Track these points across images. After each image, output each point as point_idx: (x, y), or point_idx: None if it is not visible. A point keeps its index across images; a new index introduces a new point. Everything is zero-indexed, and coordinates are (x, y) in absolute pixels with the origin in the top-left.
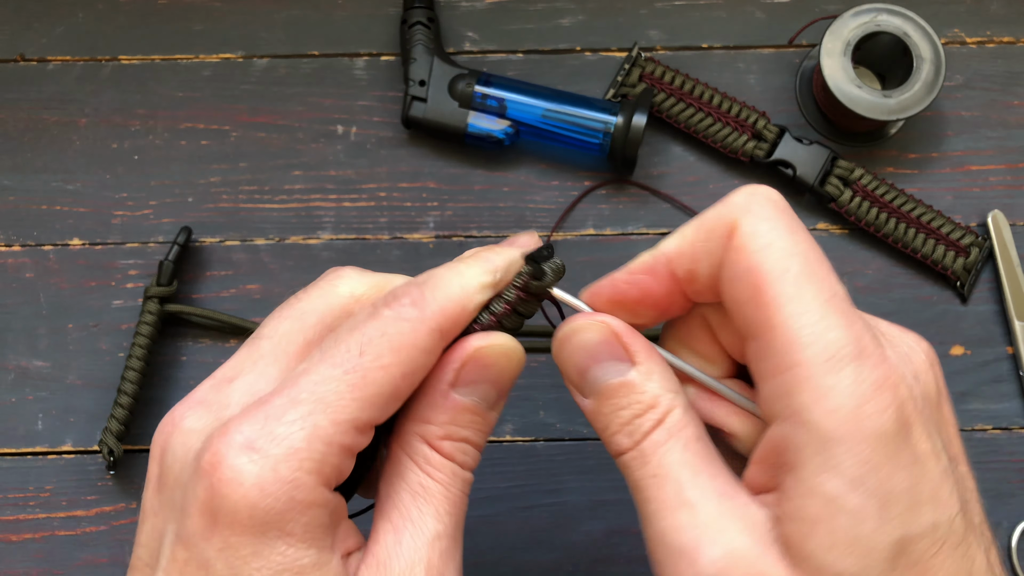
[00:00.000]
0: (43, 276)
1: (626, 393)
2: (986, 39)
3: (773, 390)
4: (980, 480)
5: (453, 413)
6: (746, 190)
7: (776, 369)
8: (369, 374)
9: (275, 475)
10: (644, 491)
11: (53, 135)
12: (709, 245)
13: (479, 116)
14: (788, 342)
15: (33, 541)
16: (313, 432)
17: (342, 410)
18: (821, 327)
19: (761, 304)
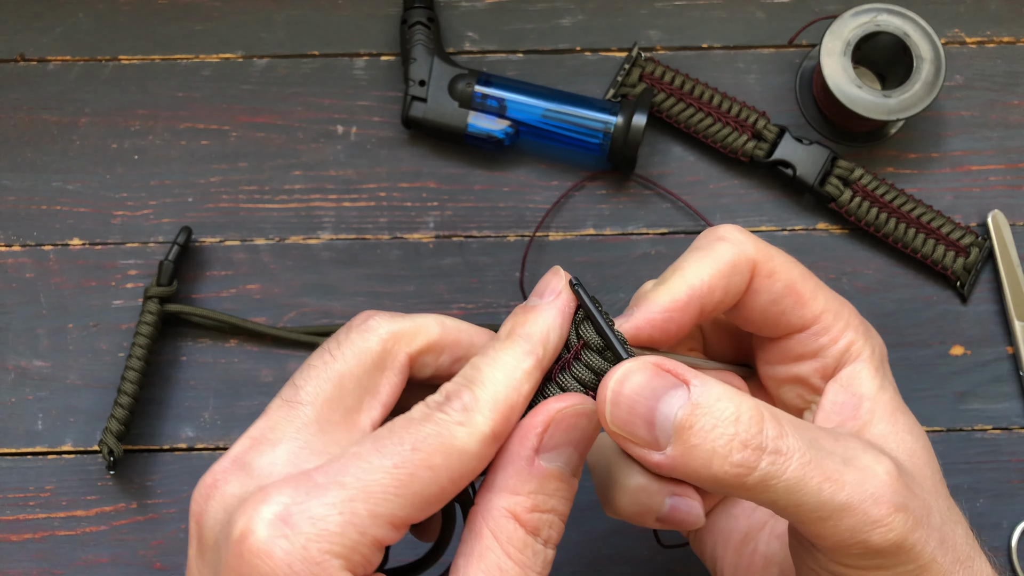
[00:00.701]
0: (43, 276)
1: (709, 412)
2: (986, 39)
3: (835, 351)
4: (980, 480)
5: (540, 481)
6: (730, 229)
7: (832, 340)
8: (418, 472)
9: (304, 553)
10: (805, 485)
11: (53, 135)
12: (735, 279)
13: (479, 116)
14: (831, 321)
15: (33, 541)
16: (350, 519)
17: (383, 503)
18: (840, 303)
19: (803, 304)
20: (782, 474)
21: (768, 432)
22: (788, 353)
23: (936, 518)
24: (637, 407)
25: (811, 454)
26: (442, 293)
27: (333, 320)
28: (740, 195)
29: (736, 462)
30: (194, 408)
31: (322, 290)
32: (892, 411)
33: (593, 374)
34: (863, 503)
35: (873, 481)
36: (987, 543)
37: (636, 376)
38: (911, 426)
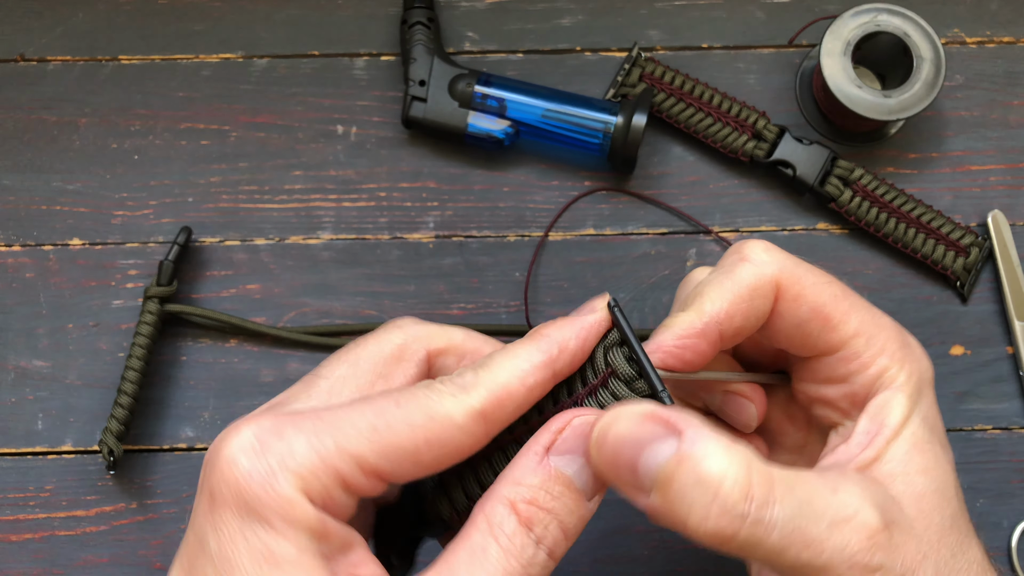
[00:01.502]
0: (43, 276)
1: (692, 467)
2: (986, 39)
3: (864, 379)
4: (980, 480)
5: (545, 478)
6: (754, 247)
7: (862, 366)
8: (395, 425)
9: (262, 465)
10: (784, 551)
11: (53, 135)
12: (757, 303)
13: (479, 116)
14: (863, 347)
15: (33, 541)
16: (316, 446)
17: (353, 441)
18: (877, 326)
19: (831, 328)
20: (761, 543)
21: (755, 497)
22: (817, 374)
23: (929, 570)
24: (621, 453)
25: (795, 523)
26: (442, 293)
27: (333, 320)
28: (740, 195)
29: (712, 529)
30: (194, 408)
31: (322, 290)
32: (912, 447)
33: (616, 401)
34: (839, 567)
35: (854, 544)
36: (987, 543)
37: (623, 423)
38: (927, 466)
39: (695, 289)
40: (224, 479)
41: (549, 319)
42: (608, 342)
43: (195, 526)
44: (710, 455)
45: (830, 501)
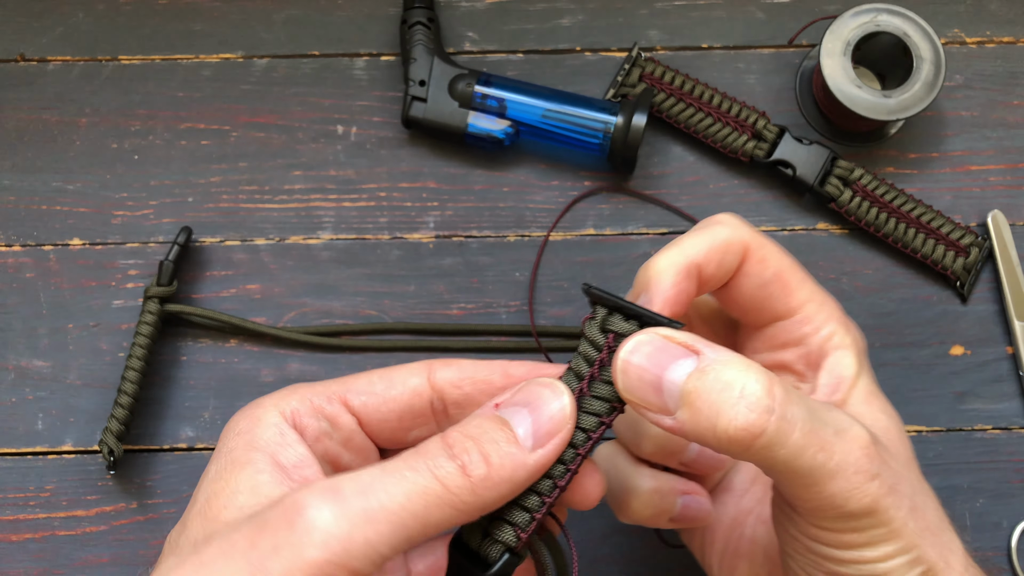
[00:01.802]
0: (43, 276)
1: (716, 375)
2: (986, 39)
3: (817, 340)
4: (980, 480)
5: (480, 419)
6: (727, 216)
7: (815, 329)
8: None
9: (249, 409)
10: (803, 452)
11: (53, 135)
12: (729, 257)
13: (479, 116)
14: (815, 312)
15: (33, 541)
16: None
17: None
18: (823, 295)
19: (789, 292)
20: (786, 440)
21: (776, 395)
22: (773, 340)
23: (907, 488)
24: (645, 375)
25: (811, 424)
26: (442, 293)
27: (333, 320)
28: (740, 195)
29: (742, 425)
30: (194, 408)
31: (322, 290)
32: (868, 394)
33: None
34: (846, 471)
35: (856, 451)
36: (987, 543)
37: (645, 346)
38: (884, 407)
39: (671, 242)
40: (224, 430)
41: (549, 319)
42: (597, 321)
43: None
44: (731, 363)
45: (828, 415)
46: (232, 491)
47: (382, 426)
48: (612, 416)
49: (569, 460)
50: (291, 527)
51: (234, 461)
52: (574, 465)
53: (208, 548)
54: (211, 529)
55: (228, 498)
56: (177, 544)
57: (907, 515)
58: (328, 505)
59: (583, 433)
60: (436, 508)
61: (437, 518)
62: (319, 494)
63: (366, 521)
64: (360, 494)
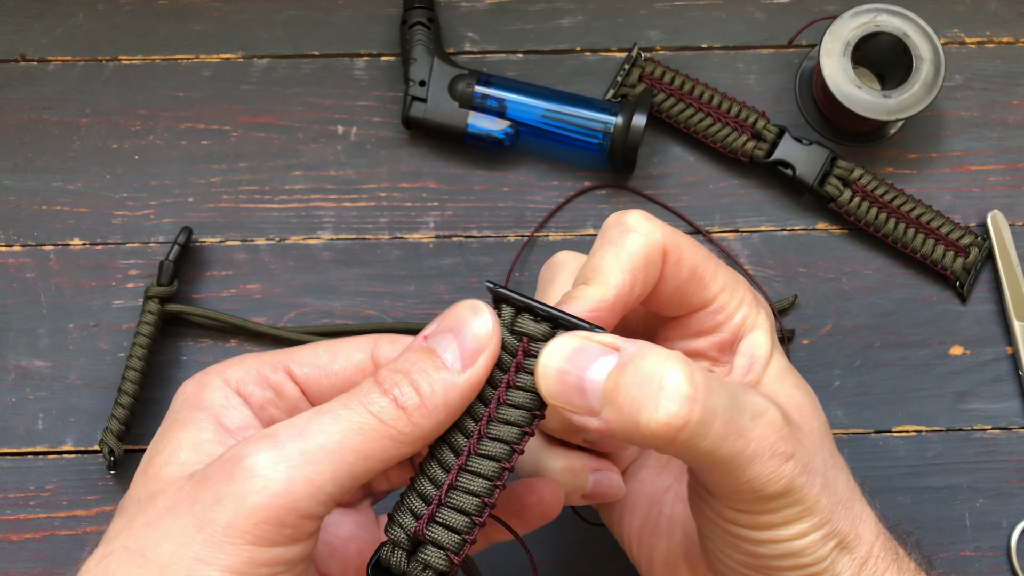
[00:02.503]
0: (44, 276)
1: (635, 369)
2: (986, 39)
3: (731, 326)
4: (979, 480)
5: (409, 352)
6: (635, 217)
7: (729, 316)
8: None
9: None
10: (723, 441)
11: (54, 135)
12: (651, 271)
13: (479, 116)
14: (728, 299)
15: (34, 541)
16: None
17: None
18: (735, 279)
19: (704, 286)
20: (708, 431)
21: (698, 384)
22: (688, 330)
23: (819, 464)
24: (567, 377)
25: (730, 412)
26: (442, 293)
27: (333, 320)
28: (740, 195)
29: (663, 419)
30: None
31: (322, 290)
32: (781, 371)
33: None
34: (763, 455)
35: (772, 434)
36: (987, 543)
37: (564, 349)
38: (798, 383)
39: (590, 263)
40: (175, 396)
41: None
42: (504, 322)
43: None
44: (649, 356)
45: (746, 399)
46: (173, 448)
47: (324, 397)
48: (534, 424)
49: (495, 476)
50: (231, 477)
51: (177, 420)
52: (500, 481)
53: (153, 506)
54: (153, 488)
55: (169, 455)
56: (123, 507)
57: (820, 491)
58: (266, 452)
59: (505, 445)
60: (375, 441)
61: (378, 451)
62: (255, 442)
63: (306, 462)
64: (297, 437)
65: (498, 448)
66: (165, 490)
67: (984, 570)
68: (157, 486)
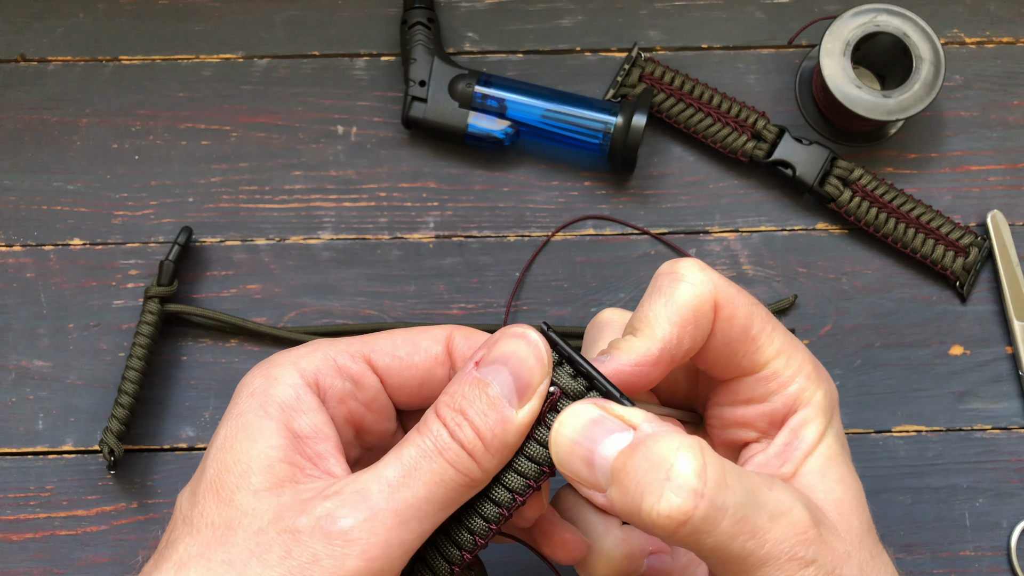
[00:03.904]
0: (44, 276)
1: (645, 453)
2: (985, 39)
3: (784, 397)
4: (979, 480)
5: (465, 384)
6: (689, 267)
7: (782, 385)
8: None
9: (264, 367)
10: (733, 540)
11: (54, 135)
12: (701, 324)
13: (479, 116)
14: (783, 367)
15: (34, 541)
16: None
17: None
18: (795, 347)
19: (757, 349)
20: (714, 529)
21: (708, 478)
22: (737, 396)
23: (853, 570)
24: (577, 448)
25: (743, 511)
26: (442, 293)
27: (333, 320)
28: (740, 195)
29: (665, 511)
30: (194, 408)
31: (322, 290)
32: (828, 459)
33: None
34: (778, 559)
35: (791, 538)
36: (987, 543)
37: (578, 418)
38: (843, 476)
39: (638, 313)
40: (239, 383)
41: (550, 319)
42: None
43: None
44: (662, 440)
45: (768, 495)
46: (244, 469)
47: (402, 389)
48: (541, 479)
49: (493, 519)
50: (327, 539)
51: (244, 428)
52: (495, 525)
53: (232, 540)
54: (228, 515)
55: (241, 476)
56: (191, 520)
57: None
58: (362, 514)
59: (508, 493)
60: (453, 492)
61: (455, 499)
62: (351, 504)
63: (399, 523)
64: (389, 496)
65: (502, 494)
66: (242, 521)
67: (984, 570)
68: (232, 514)
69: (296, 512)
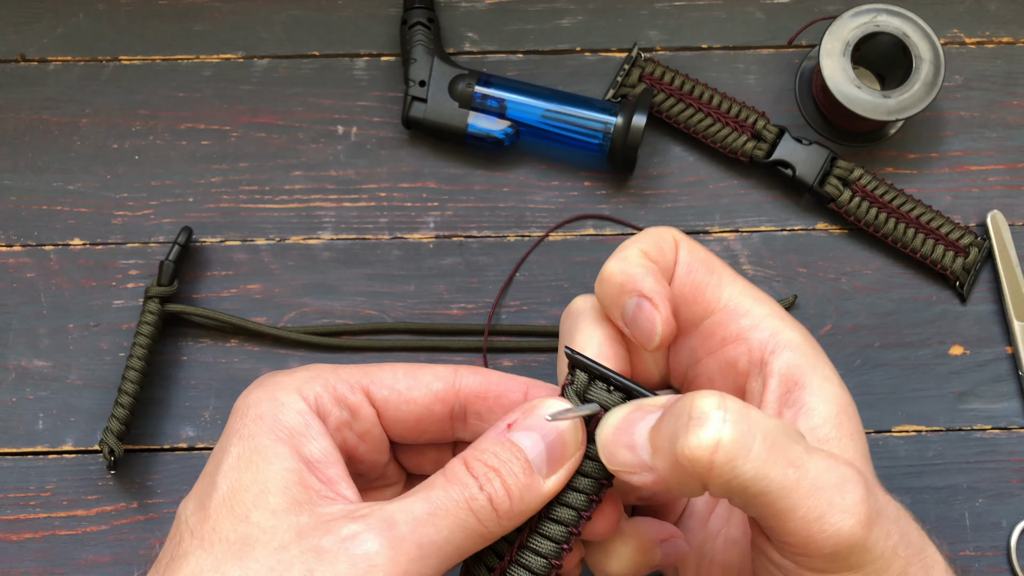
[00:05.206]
0: (44, 276)
1: (672, 409)
2: (985, 39)
3: (759, 335)
4: (979, 480)
5: (498, 444)
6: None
7: (754, 323)
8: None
9: (269, 382)
10: (771, 468)
11: (54, 135)
12: (666, 246)
13: (479, 116)
14: (753, 304)
15: (34, 541)
16: (312, 374)
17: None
18: (761, 298)
19: (721, 284)
20: (748, 453)
21: (730, 407)
22: (712, 337)
23: (892, 512)
24: (620, 438)
25: (774, 436)
26: (442, 293)
27: (333, 320)
28: (740, 195)
29: (696, 443)
30: (195, 408)
31: (322, 290)
32: (838, 412)
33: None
34: (827, 491)
35: (835, 472)
36: (986, 543)
37: (616, 415)
38: (856, 431)
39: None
40: (239, 402)
41: (549, 319)
42: (577, 387)
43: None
44: (684, 398)
45: (797, 432)
46: (261, 489)
47: (399, 423)
48: (601, 492)
49: (562, 540)
50: (352, 560)
51: (258, 450)
52: (567, 544)
53: (250, 556)
54: (245, 532)
55: (257, 496)
56: (201, 534)
57: (898, 542)
58: (387, 541)
59: (574, 511)
60: (472, 540)
61: (469, 547)
62: (376, 530)
63: (421, 557)
64: (413, 530)
65: (566, 513)
66: (260, 538)
67: (984, 570)
68: (249, 531)
69: (320, 532)
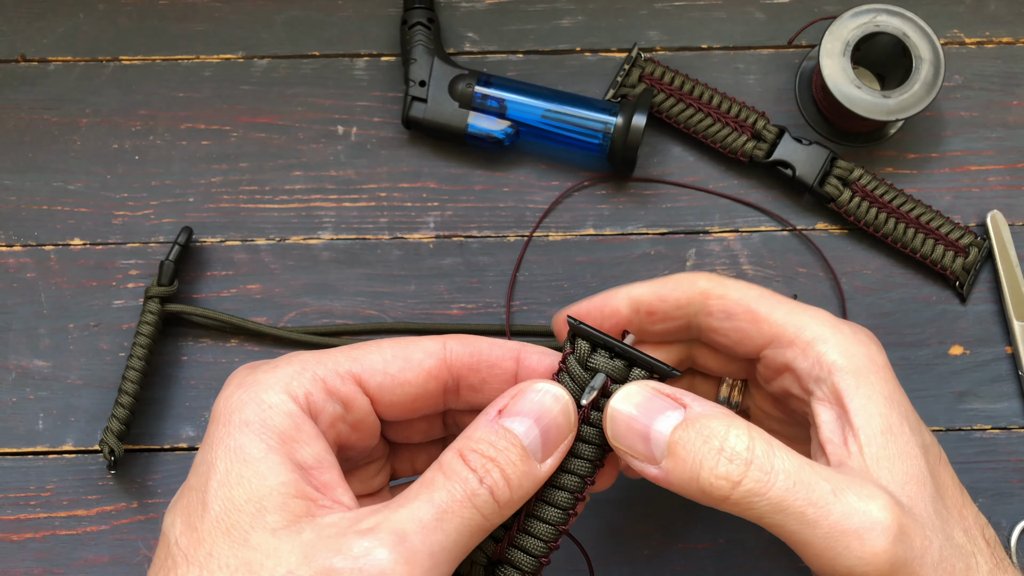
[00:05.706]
0: (44, 276)
1: (700, 428)
2: (985, 39)
3: (805, 364)
4: (979, 480)
5: (493, 433)
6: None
7: (801, 352)
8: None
9: (250, 381)
10: (790, 506)
11: (54, 135)
12: (680, 288)
13: (479, 116)
14: (796, 332)
15: (34, 540)
16: (296, 365)
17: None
18: (805, 317)
19: (761, 319)
20: (767, 491)
21: (757, 449)
22: (769, 368)
23: (935, 555)
24: (634, 424)
25: (797, 476)
26: (442, 293)
27: (333, 320)
28: (740, 195)
29: (721, 474)
30: (195, 408)
31: (322, 290)
32: (883, 432)
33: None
34: (847, 536)
35: (861, 518)
36: None
37: (635, 396)
38: (904, 451)
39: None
40: (219, 405)
41: (549, 319)
42: (579, 356)
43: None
44: (715, 418)
45: (830, 475)
46: (257, 508)
47: (393, 407)
48: (603, 459)
49: (567, 506)
50: None
51: (248, 462)
52: (572, 509)
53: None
54: (246, 556)
55: (254, 516)
56: (196, 559)
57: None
58: (400, 556)
59: (575, 476)
60: (476, 535)
61: (474, 543)
62: (389, 545)
63: (432, 566)
64: (423, 539)
65: (569, 480)
66: (264, 563)
67: None
68: (250, 556)
69: (329, 551)
